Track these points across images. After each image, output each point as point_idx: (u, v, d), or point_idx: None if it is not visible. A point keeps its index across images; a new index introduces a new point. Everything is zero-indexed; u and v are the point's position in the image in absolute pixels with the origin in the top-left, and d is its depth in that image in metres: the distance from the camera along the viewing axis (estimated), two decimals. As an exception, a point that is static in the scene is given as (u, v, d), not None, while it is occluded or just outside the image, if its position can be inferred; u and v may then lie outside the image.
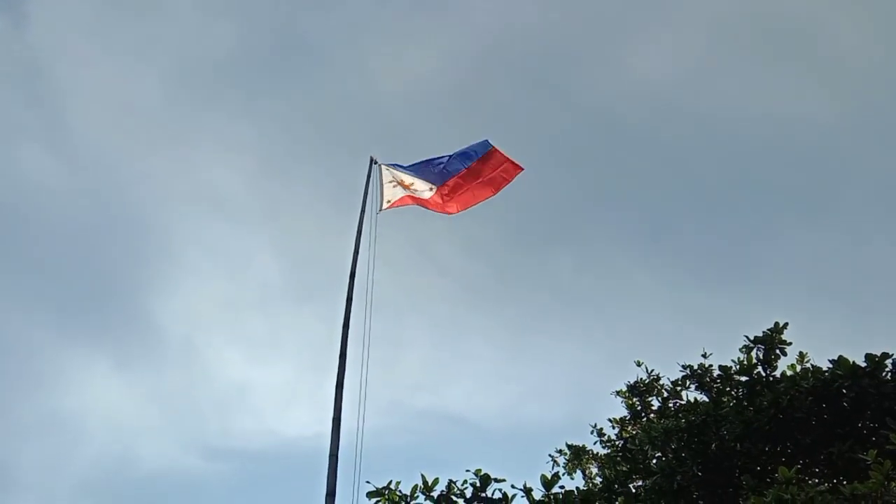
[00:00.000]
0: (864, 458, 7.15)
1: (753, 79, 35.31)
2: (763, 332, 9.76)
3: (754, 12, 35.39)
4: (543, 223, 35.67)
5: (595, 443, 12.06)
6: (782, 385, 8.81)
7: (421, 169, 14.43)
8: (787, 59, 35.86)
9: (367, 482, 8.59)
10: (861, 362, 8.63)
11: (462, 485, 8.40)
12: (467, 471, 8.40)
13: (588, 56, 36.90)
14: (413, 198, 13.86)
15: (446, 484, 8.39)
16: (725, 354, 10.58)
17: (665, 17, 35.83)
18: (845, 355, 8.73)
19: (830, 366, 8.77)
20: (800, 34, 35.35)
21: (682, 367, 10.77)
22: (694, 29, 35.91)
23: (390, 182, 13.76)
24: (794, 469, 7.46)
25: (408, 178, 14.10)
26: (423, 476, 8.33)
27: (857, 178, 33.62)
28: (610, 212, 36.90)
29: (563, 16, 36.10)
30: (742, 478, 8.36)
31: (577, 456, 12.24)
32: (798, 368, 9.38)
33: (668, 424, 9.12)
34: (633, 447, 9.70)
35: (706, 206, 35.81)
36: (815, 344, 9.97)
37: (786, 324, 9.80)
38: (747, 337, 9.78)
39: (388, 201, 13.47)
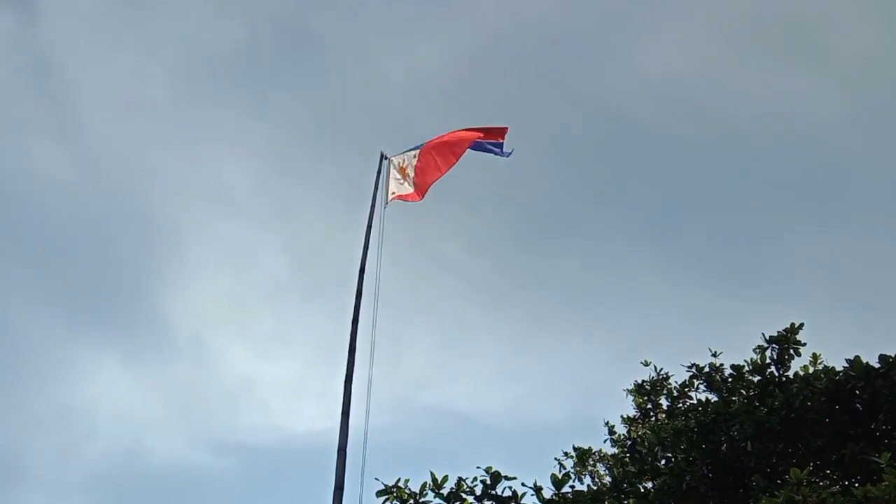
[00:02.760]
0: (878, 460, 7.08)
1: (763, 76, 35.15)
2: (778, 331, 9.70)
3: (763, 9, 35.22)
4: (550, 220, 35.61)
5: (605, 441, 12.02)
6: (795, 385, 8.74)
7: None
8: (796, 56, 35.69)
9: (376, 479, 8.54)
10: (874, 363, 8.53)
11: (472, 482, 8.36)
12: (478, 468, 8.37)
13: (596, 51, 36.78)
14: (416, 183, 13.89)
15: (455, 482, 8.35)
16: (735, 353, 10.53)
17: (673, 13, 35.67)
18: (857, 354, 8.65)
19: (844, 366, 8.70)
20: (809, 31, 35.16)
21: (689, 366, 10.72)
22: (703, 25, 35.76)
23: (396, 179, 13.84)
24: (805, 471, 7.39)
25: (409, 157, 14.13)
26: (432, 473, 8.28)
27: (868, 175, 33.44)
28: (618, 209, 36.79)
29: (571, 11, 35.99)
30: (753, 478, 8.29)
31: (583, 459, 12.16)
32: (811, 370, 9.30)
33: (678, 425, 9.05)
34: (642, 448, 9.64)
35: (715, 203, 35.68)
36: (827, 343, 9.91)
37: (801, 324, 9.74)
38: (763, 335, 9.74)
39: (393, 193, 13.52)
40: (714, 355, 10.57)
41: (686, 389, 10.87)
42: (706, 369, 10.52)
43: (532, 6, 35.38)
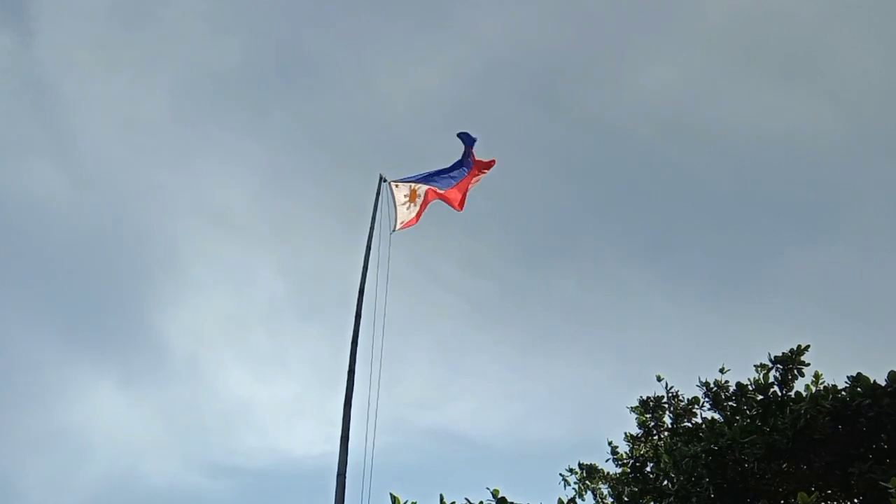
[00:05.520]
0: (887, 486, 6.98)
1: (760, 96, 35.40)
2: (783, 352, 9.71)
3: (760, 31, 35.53)
4: (549, 240, 35.65)
5: (607, 460, 11.92)
6: (802, 405, 8.67)
7: (428, 178, 14.48)
8: (792, 76, 35.99)
9: (391, 493, 8.37)
10: (873, 379, 8.48)
11: None
12: (487, 489, 8.27)
13: (593, 72, 37.02)
14: (424, 202, 13.88)
15: (462, 505, 8.24)
16: (735, 372, 10.54)
17: (670, 34, 35.96)
18: (860, 372, 8.59)
19: (847, 384, 8.64)
20: (804, 52, 35.49)
21: (700, 383, 10.64)
22: (700, 46, 36.04)
23: (403, 204, 13.76)
24: (814, 495, 7.29)
25: (416, 186, 14.13)
26: (441, 497, 8.16)
27: (866, 194, 33.60)
28: (616, 229, 36.87)
29: (568, 32, 36.27)
30: (759, 502, 8.19)
31: (590, 475, 12.07)
32: (813, 389, 9.22)
33: (695, 449, 8.93)
34: (657, 470, 9.52)
35: (714, 222, 35.78)
36: (826, 361, 9.90)
37: (807, 346, 9.79)
38: (769, 354, 9.73)
39: (402, 222, 13.44)
40: (722, 371, 10.52)
41: (692, 407, 10.79)
42: (714, 387, 10.44)
43: (530, 28, 35.70)
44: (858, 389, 8.41)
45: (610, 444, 11.82)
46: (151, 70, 35.43)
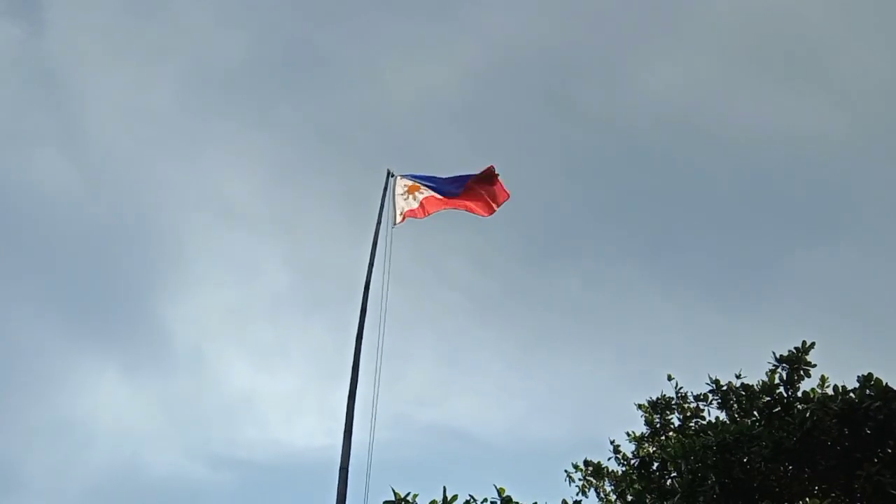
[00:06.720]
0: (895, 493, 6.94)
1: (766, 97, 35.26)
2: (789, 350, 9.60)
3: (766, 31, 35.43)
4: (554, 239, 35.61)
5: (609, 458, 11.89)
6: (809, 406, 8.61)
7: (433, 180, 14.42)
8: (799, 77, 35.87)
9: (392, 488, 8.33)
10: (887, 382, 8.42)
11: (483, 503, 8.24)
12: (494, 486, 8.23)
13: (600, 72, 36.93)
14: (423, 204, 13.85)
15: (465, 501, 8.21)
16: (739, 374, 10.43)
17: (677, 35, 35.86)
18: (871, 373, 8.54)
19: (856, 386, 8.58)
20: (811, 53, 35.39)
21: (710, 380, 10.55)
22: (706, 47, 35.94)
23: (402, 195, 13.75)
24: (826, 501, 7.25)
25: (420, 185, 14.10)
26: (444, 489, 8.12)
27: (872, 195, 33.44)
28: (620, 229, 36.78)
29: (576, 32, 36.18)
30: (764, 503, 8.16)
31: (596, 473, 12.04)
32: (819, 392, 9.14)
33: (705, 441, 8.88)
34: (663, 454, 9.46)
35: (718, 223, 35.69)
36: (832, 363, 9.81)
37: (812, 343, 9.64)
38: (774, 353, 9.63)
39: (401, 213, 13.41)
40: (738, 377, 10.39)
41: (701, 405, 10.73)
42: (725, 386, 10.35)
43: (538, 27, 35.60)
44: (868, 391, 8.35)
45: (612, 442, 11.80)
46: (160, 62, 35.45)
